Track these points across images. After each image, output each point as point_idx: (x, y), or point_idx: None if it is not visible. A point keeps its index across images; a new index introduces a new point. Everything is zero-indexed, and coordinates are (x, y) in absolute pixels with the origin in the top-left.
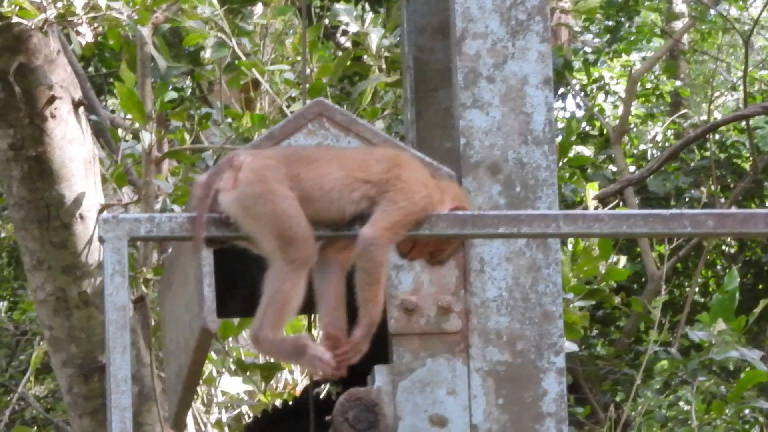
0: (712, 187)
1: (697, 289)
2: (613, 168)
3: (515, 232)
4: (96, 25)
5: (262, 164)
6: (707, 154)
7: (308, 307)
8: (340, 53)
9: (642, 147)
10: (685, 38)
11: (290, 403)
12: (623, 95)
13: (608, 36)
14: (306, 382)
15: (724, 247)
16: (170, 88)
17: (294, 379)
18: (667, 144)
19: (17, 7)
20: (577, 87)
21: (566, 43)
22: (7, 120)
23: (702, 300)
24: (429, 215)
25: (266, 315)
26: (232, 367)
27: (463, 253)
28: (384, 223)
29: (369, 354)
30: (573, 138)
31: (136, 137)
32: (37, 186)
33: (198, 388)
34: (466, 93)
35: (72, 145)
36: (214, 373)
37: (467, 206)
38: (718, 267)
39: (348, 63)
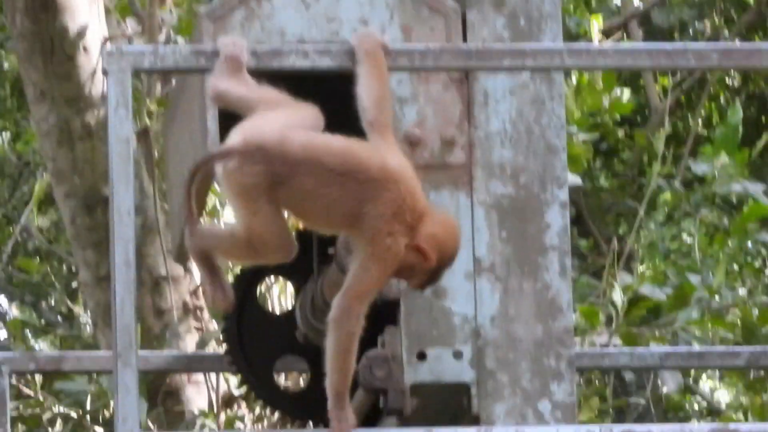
0: (717, 20)
1: (700, 122)
2: (617, 0)
3: (520, 65)
4: None
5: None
6: None
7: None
8: None
9: None
10: None
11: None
12: None
13: None
14: None
15: (727, 80)
16: None
17: None
18: None
19: None
20: None
21: None
22: None
23: (705, 133)
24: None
25: (213, 236)
26: None
27: (467, 85)
28: (355, 290)
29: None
30: None
31: None
32: (40, 17)
33: (201, 221)
34: None
35: None
36: (218, 205)
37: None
38: (722, 100)
39: None
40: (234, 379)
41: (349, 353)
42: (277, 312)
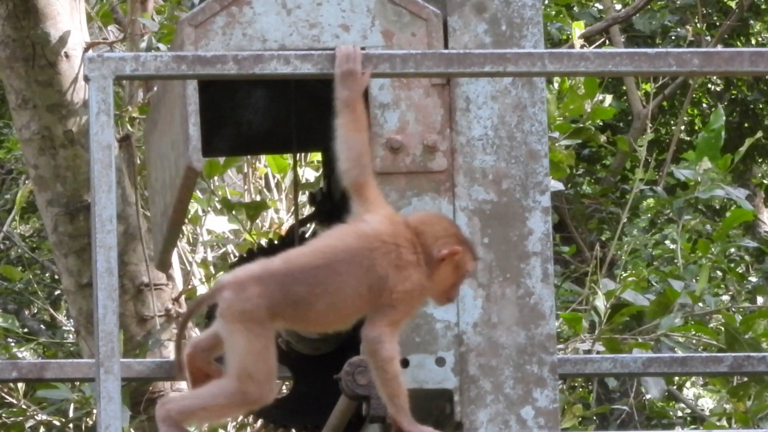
0: (698, 26)
1: (683, 128)
2: (599, 6)
3: (501, 71)
4: None
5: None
6: None
7: (291, 146)
8: None
9: None
10: None
11: (276, 242)
12: None
13: None
14: (292, 221)
15: (710, 85)
16: None
17: (279, 218)
18: None
19: None
20: None
21: None
22: None
23: (688, 138)
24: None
25: (190, 403)
26: (218, 206)
27: (448, 91)
28: (385, 321)
29: None
30: None
31: None
32: (22, 24)
33: (183, 227)
34: None
35: None
36: (200, 212)
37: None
38: (704, 105)
39: None
40: None
41: (397, 376)
42: None
